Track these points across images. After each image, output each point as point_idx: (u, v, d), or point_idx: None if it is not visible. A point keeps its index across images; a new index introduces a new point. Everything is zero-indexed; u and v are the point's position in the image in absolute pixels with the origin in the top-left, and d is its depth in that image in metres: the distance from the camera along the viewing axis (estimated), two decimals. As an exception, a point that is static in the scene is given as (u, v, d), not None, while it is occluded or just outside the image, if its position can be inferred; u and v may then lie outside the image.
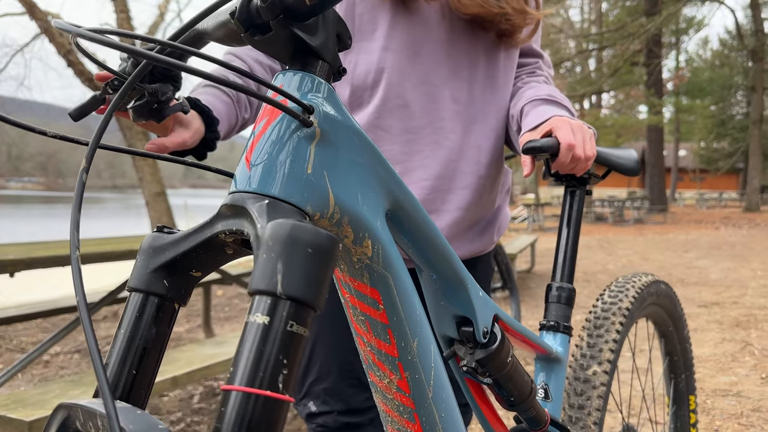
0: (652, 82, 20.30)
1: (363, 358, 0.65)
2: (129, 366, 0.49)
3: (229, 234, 0.49)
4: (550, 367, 0.96)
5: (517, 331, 0.84)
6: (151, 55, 0.44)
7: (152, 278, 0.51)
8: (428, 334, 0.63)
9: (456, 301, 0.73)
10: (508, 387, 0.78)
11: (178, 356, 2.32)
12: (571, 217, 1.08)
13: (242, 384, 0.38)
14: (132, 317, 0.50)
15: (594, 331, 1.15)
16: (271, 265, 0.41)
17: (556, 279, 1.04)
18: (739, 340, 4.27)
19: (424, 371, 0.63)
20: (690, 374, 1.54)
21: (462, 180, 1.15)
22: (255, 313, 0.40)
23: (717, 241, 11.56)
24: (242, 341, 0.40)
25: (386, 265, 0.58)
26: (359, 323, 0.62)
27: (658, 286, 1.32)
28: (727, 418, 2.87)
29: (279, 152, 0.49)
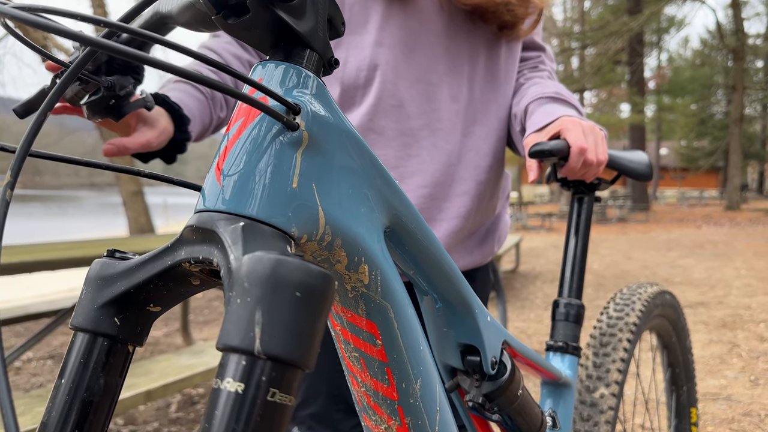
0: (635, 81, 20.41)
1: (356, 399, 0.56)
2: (72, 425, 0.40)
3: (194, 263, 0.39)
4: (559, 393, 0.88)
5: (525, 356, 0.76)
6: (100, 42, 0.34)
7: (100, 315, 0.41)
8: (433, 373, 0.55)
9: (462, 328, 0.64)
10: (517, 421, 0.69)
11: (152, 367, 2.21)
12: (579, 226, 1.00)
13: None
14: (76, 363, 0.41)
15: (600, 349, 1.07)
16: (248, 315, 0.31)
17: (564, 294, 0.96)
18: (726, 341, 4.24)
19: (428, 416, 0.54)
20: (691, 386, 1.47)
21: (461, 186, 1.06)
22: (226, 378, 0.31)
23: (699, 239, 11.62)
24: (208, 415, 0.30)
25: (385, 293, 0.49)
26: (352, 360, 0.53)
27: (663, 297, 1.24)
28: (718, 423, 2.83)
29: (257, 161, 0.40)
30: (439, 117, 1.03)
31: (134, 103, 0.63)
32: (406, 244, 0.54)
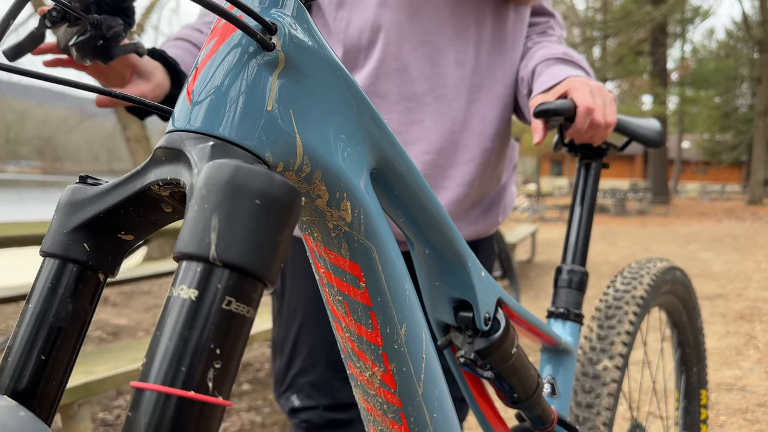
0: (657, 72, 20.10)
1: (341, 346, 0.54)
2: (37, 351, 0.39)
3: (163, 185, 0.38)
4: (558, 360, 0.86)
5: (523, 317, 0.74)
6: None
7: (70, 241, 0.40)
8: (419, 320, 0.53)
9: (454, 281, 0.62)
10: (511, 382, 0.68)
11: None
12: (585, 193, 0.97)
13: (158, 381, 0.28)
14: (44, 289, 0.40)
15: (605, 321, 1.04)
16: (204, 221, 0.30)
17: (567, 261, 0.93)
18: (743, 333, 4.18)
19: (413, 363, 0.53)
20: (702, 367, 1.44)
21: (465, 153, 1.04)
22: (180, 285, 0.30)
23: (720, 233, 11.45)
24: (161, 323, 0.29)
25: (369, 233, 0.47)
26: (336, 304, 0.52)
27: (673, 273, 1.21)
28: (732, 413, 2.78)
29: (230, 81, 0.38)
30: (443, 82, 1.01)
31: (124, 47, 0.62)
32: (394, 188, 0.53)
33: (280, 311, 1.15)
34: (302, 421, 1.12)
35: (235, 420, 2.75)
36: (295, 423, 1.14)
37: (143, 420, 0.27)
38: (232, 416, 2.80)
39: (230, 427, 2.67)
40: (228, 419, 2.76)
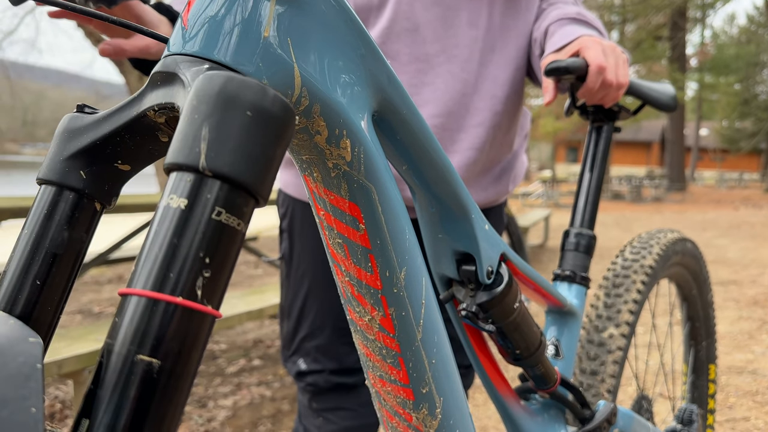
0: (676, 57, 19.81)
1: (341, 290, 0.54)
2: (33, 276, 0.39)
3: (158, 110, 0.38)
4: (563, 321, 0.85)
5: (527, 275, 0.73)
6: None
7: (66, 168, 0.40)
8: (419, 265, 0.53)
9: (456, 233, 0.62)
10: (513, 338, 0.67)
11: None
12: (596, 157, 0.96)
13: (146, 287, 0.28)
14: (40, 215, 0.40)
15: (612, 290, 1.04)
16: (194, 132, 0.30)
17: (575, 225, 0.92)
18: (756, 318, 4.14)
19: (413, 308, 0.52)
20: (711, 342, 1.43)
21: (476, 116, 1.03)
22: (170, 195, 0.29)
23: (736, 220, 11.32)
24: (151, 232, 0.29)
25: (369, 174, 0.47)
26: (336, 247, 0.51)
27: (684, 244, 1.20)
28: (742, 395, 2.77)
29: (228, 7, 0.38)
30: (456, 43, 1.00)
31: None
32: (397, 133, 0.52)
33: (288, 276, 1.15)
34: (308, 384, 1.12)
35: (246, 394, 2.78)
36: (302, 386, 1.14)
37: (130, 325, 0.27)
38: (243, 390, 2.83)
39: (240, 400, 2.70)
40: (239, 393, 2.79)
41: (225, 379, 2.98)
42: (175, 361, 0.27)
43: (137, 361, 0.26)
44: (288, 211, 1.14)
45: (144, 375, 0.26)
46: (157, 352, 0.27)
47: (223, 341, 3.64)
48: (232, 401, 2.69)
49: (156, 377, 0.27)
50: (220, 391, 2.81)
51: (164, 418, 0.27)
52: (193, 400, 2.70)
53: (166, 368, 0.27)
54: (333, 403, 1.12)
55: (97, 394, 0.26)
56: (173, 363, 0.27)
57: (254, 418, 2.52)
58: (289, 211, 1.14)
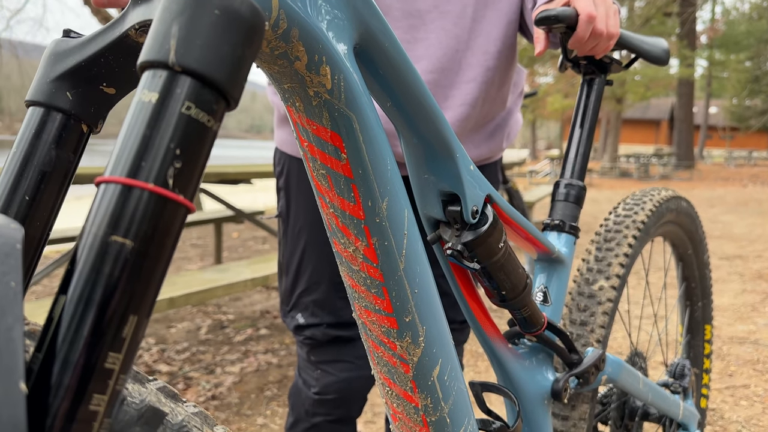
0: (685, 34, 19.55)
1: (326, 222, 0.56)
2: (23, 191, 0.41)
3: (139, 29, 0.39)
4: (552, 269, 0.87)
5: (515, 221, 0.74)
6: None
7: (53, 89, 0.41)
8: (401, 196, 0.54)
9: (441, 172, 0.63)
10: (499, 278, 0.69)
11: (176, 279, 2.27)
12: (587, 109, 0.96)
13: (120, 175, 0.29)
14: (29, 135, 0.41)
15: (604, 244, 1.05)
16: (164, 29, 0.31)
17: (566, 176, 0.93)
18: (760, 291, 4.15)
19: (395, 238, 0.54)
20: (707, 302, 1.44)
21: (468, 72, 1.03)
22: (142, 91, 0.31)
23: (744, 197, 11.27)
24: (124, 126, 0.31)
25: (349, 102, 0.48)
26: (320, 179, 0.53)
27: (678, 202, 1.21)
28: (742, 364, 2.79)
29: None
30: None
31: None
32: (379, 67, 0.53)
33: (285, 233, 1.17)
34: (306, 338, 1.15)
35: (252, 361, 2.82)
36: (300, 340, 1.17)
37: (105, 210, 0.29)
38: (250, 357, 2.87)
39: (247, 367, 2.74)
40: (246, 360, 2.83)
41: (232, 347, 3.02)
42: (147, 244, 0.29)
43: (111, 241, 0.28)
44: (284, 169, 1.15)
45: (117, 255, 0.28)
46: (129, 233, 0.28)
47: (231, 312, 3.68)
48: (239, 368, 2.74)
49: (128, 257, 0.28)
50: (227, 359, 2.86)
51: (135, 294, 0.28)
52: (201, 366, 2.74)
53: (138, 249, 0.28)
54: (330, 356, 1.14)
55: (73, 273, 0.28)
56: (145, 245, 0.29)
57: (260, 384, 2.56)
58: (285, 168, 1.15)
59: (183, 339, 3.17)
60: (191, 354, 2.93)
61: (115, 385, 0.28)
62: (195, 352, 2.96)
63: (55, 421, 0.26)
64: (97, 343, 0.27)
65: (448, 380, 0.61)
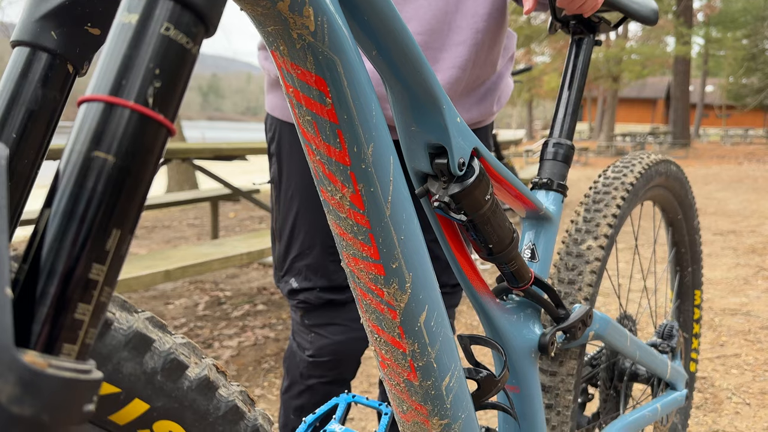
0: (682, 11, 19.43)
1: (313, 171, 0.57)
2: (10, 128, 0.41)
3: (122, -34, 0.39)
4: (540, 225, 0.88)
5: (503, 176, 0.75)
6: None
7: (38, 28, 0.42)
8: (387, 142, 0.55)
9: (428, 124, 0.64)
10: (486, 231, 0.70)
11: (172, 253, 2.28)
12: (576, 68, 0.97)
13: (101, 93, 0.30)
14: (15, 75, 0.42)
15: (592, 205, 1.06)
16: None
17: (554, 135, 0.94)
18: (753, 265, 4.18)
19: (381, 184, 0.55)
20: (697, 268, 1.45)
21: (457, 35, 1.03)
22: (122, 14, 0.31)
23: (739, 175, 11.29)
24: (106, 48, 0.31)
25: (333, 45, 0.49)
26: (306, 126, 0.53)
27: (668, 166, 1.22)
28: (734, 334, 2.82)
29: None
30: None
31: None
32: (364, 13, 0.54)
33: (278, 199, 1.18)
34: (300, 302, 1.16)
35: (250, 335, 2.85)
36: (294, 304, 1.18)
37: (88, 127, 0.30)
38: (247, 332, 2.89)
39: (245, 341, 2.77)
40: (243, 335, 2.85)
41: (230, 323, 3.04)
42: (129, 161, 0.30)
43: (93, 157, 0.29)
44: (275, 134, 1.16)
45: (99, 169, 0.29)
46: (111, 149, 0.29)
47: (228, 289, 3.70)
48: (237, 342, 2.76)
49: (111, 172, 0.29)
50: (225, 333, 2.88)
51: (117, 209, 0.29)
52: (199, 341, 2.76)
53: (120, 165, 0.29)
54: (324, 319, 1.16)
55: (57, 187, 0.29)
56: (127, 162, 0.30)
57: (258, 357, 2.59)
58: (276, 134, 1.16)
59: (181, 315, 3.19)
60: (189, 329, 2.95)
61: (99, 295, 0.29)
62: (193, 327, 2.98)
63: (41, 327, 0.27)
64: (80, 254, 0.28)
65: (435, 326, 0.62)
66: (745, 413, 2.07)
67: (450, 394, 0.65)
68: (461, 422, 0.67)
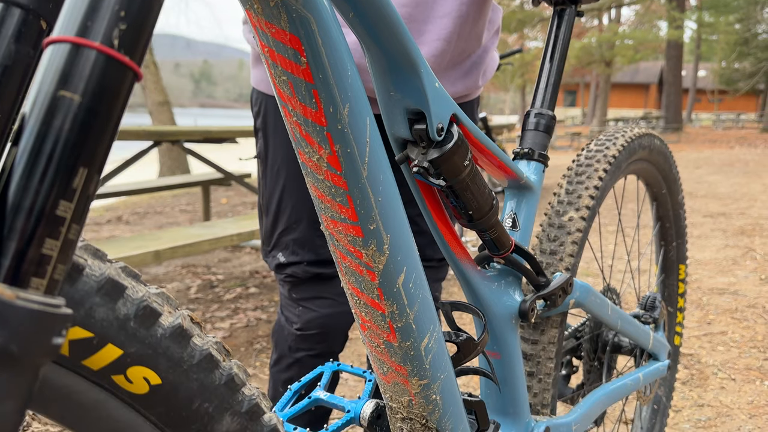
0: (675, -5, 19.40)
1: (290, 133, 0.57)
2: (-16, 82, 0.41)
3: None
4: (521, 195, 0.88)
5: (484, 144, 0.76)
6: None
7: (10, -17, 0.42)
8: (363, 103, 0.55)
9: (406, 89, 0.64)
10: (465, 197, 0.71)
11: (162, 235, 2.29)
12: (558, 39, 0.97)
13: (67, 34, 0.30)
14: (-12, 30, 0.42)
15: (575, 178, 1.07)
16: None
17: (536, 105, 0.95)
18: (742, 246, 4.22)
19: (358, 145, 0.55)
20: (682, 242, 1.47)
21: (442, 7, 1.04)
22: None
23: (730, 159, 11.34)
24: None
25: (307, 2, 0.49)
26: (282, 86, 0.54)
27: (651, 139, 1.23)
28: (721, 312, 2.85)
29: None
30: None
31: None
32: (339, -28, 0.54)
33: (264, 174, 1.18)
34: (287, 276, 1.17)
35: (242, 317, 2.86)
36: (281, 278, 1.19)
37: (54, 68, 0.30)
38: (239, 314, 2.91)
39: (237, 323, 2.78)
40: (235, 317, 2.87)
41: (222, 305, 3.05)
42: (95, 101, 0.30)
43: (59, 96, 0.29)
44: (261, 109, 1.16)
45: (66, 109, 0.29)
46: (78, 89, 0.30)
47: (221, 273, 3.71)
48: (229, 324, 2.77)
49: (77, 112, 0.30)
50: (217, 315, 2.89)
51: (83, 148, 0.30)
52: (188, 323, 2.78)
53: (86, 105, 0.30)
54: (311, 293, 1.16)
55: (24, 126, 0.30)
56: (93, 102, 0.30)
57: (250, 338, 2.60)
58: (262, 108, 1.16)
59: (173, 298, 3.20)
60: (180, 312, 2.96)
61: (67, 232, 0.30)
62: (184, 310, 2.99)
63: (9, 260, 0.28)
64: (47, 191, 0.29)
65: (413, 288, 0.63)
66: (730, 388, 2.10)
67: (429, 354, 0.66)
68: (440, 382, 0.68)
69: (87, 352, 0.37)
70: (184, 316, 0.42)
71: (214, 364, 0.42)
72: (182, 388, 0.40)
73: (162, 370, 0.39)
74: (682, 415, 1.93)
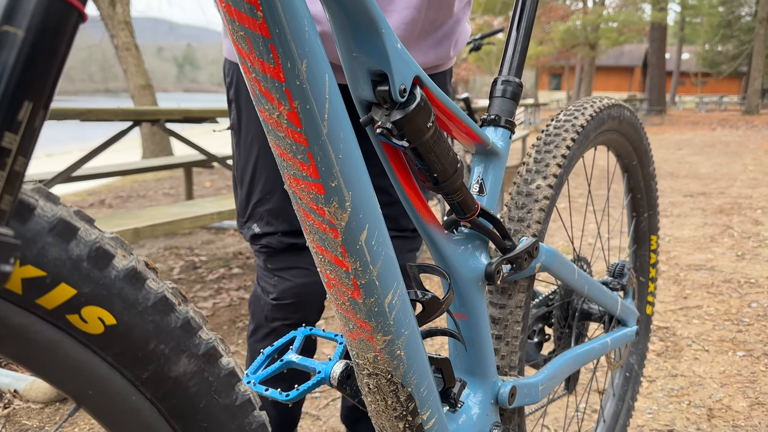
0: (659, -23, 19.44)
1: (251, 91, 0.58)
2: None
3: None
4: (488, 160, 0.90)
5: (449, 109, 0.77)
6: None
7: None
8: (322, 59, 0.56)
9: (368, 49, 0.65)
10: (430, 159, 0.72)
11: (140, 213, 2.28)
12: (525, 7, 0.98)
13: None
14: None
15: (543, 147, 1.09)
16: None
17: (503, 73, 0.96)
18: (720, 224, 4.28)
19: (317, 102, 0.56)
20: (653, 213, 1.50)
21: None
22: None
23: (712, 140, 11.45)
24: None
25: (262, -42, 0.50)
26: (240, 41, 0.54)
27: (621, 110, 1.24)
28: (697, 287, 2.90)
29: None
30: None
31: None
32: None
33: (237, 145, 1.19)
34: (263, 246, 1.18)
35: (225, 297, 2.87)
36: (257, 249, 1.20)
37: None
38: (222, 294, 2.91)
39: (220, 303, 2.79)
40: (218, 297, 2.87)
41: (205, 285, 3.06)
42: (38, 37, 0.31)
43: (3, 30, 0.30)
44: (233, 79, 1.16)
45: (10, 43, 0.30)
46: (22, 25, 0.30)
47: (204, 254, 3.71)
48: (212, 303, 2.78)
49: (20, 46, 0.30)
50: (200, 295, 2.90)
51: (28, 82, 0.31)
52: (169, 303, 2.78)
53: (30, 41, 0.31)
54: (286, 263, 1.18)
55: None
56: (37, 38, 0.31)
57: (233, 317, 2.61)
58: (234, 79, 1.16)
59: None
60: (162, 292, 2.96)
61: (13, 164, 0.30)
62: (166, 290, 2.99)
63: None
64: (-8, 123, 0.30)
65: (376, 245, 0.64)
66: (704, 359, 2.15)
67: (393, 311, 0.68)
68: (404, 338, 0.70)
69: (40, 290, 0.38)
70: (138, 259, 0.43)
71: (169, 307, 0.43)
72: (137, 329, 0.41)
73: (117, 311, 0.40)
74: (656, 385, 1.97)
